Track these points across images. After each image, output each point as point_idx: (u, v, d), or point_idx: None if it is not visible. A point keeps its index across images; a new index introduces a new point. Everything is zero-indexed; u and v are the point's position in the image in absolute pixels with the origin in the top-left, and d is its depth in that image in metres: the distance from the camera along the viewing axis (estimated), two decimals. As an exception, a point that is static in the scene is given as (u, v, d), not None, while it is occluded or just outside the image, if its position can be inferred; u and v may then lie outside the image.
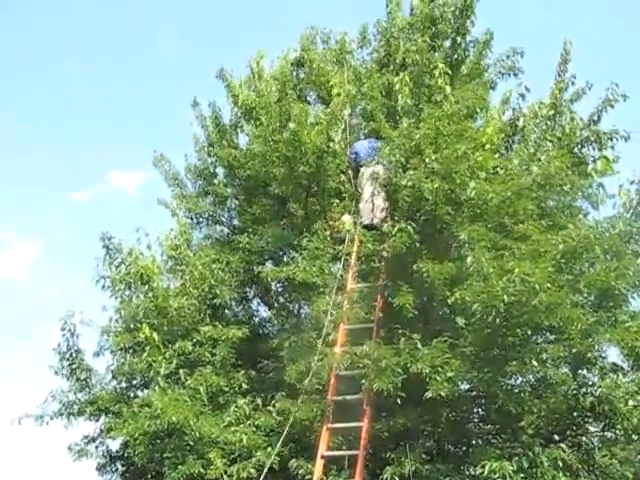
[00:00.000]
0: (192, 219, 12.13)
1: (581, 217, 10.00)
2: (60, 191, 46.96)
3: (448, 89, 9.86)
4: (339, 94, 10.68)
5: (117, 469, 10.92)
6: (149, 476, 9.47)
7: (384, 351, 8.04)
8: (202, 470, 8.73)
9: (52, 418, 10.44)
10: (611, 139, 10.18)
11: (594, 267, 8.78)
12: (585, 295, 8.74)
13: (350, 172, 10.67)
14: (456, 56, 11.33)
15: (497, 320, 7.92)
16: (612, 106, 10.30)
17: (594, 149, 10.30)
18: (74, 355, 10.69)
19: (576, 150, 10.37)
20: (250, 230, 10.97)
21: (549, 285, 7.58)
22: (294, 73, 12.13)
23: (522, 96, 10.78)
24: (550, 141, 10.46)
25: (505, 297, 7.49)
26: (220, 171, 12.37)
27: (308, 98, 12.26)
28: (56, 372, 10.78)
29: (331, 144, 10.43)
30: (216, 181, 12.26)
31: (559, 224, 9.34)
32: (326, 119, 10.42)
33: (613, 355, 9.05)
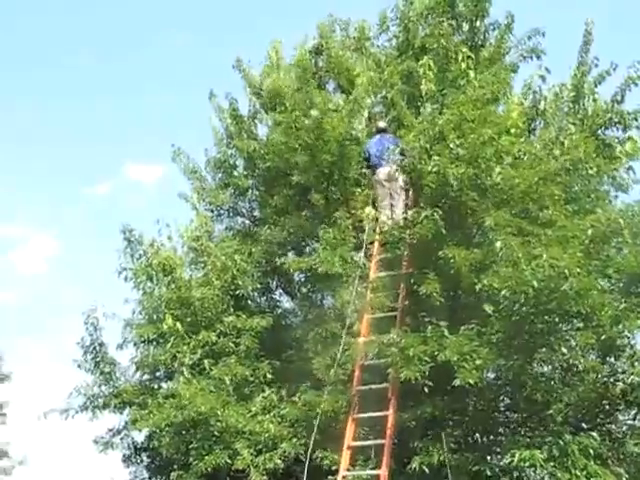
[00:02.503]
0: (212, 212, 12.07)
1: (608, 202, 9.84)
2: (77, 185, 47.41)
3: (472, 73, 9.71)
4: (361, 82, 10.57)
5: (142, 460, 10.93)
6: (175, 467, 9.43)
7: (411, 339, 7.96)
8: (228, 460, 8.72)
9: (77, 412, 10.46)
10: (636, 119, 10.00)
11: (622, 252, 8.64)
12: (614, 281, 8.61)
13: (365, 171, 10.55)
14: (476, 40, 11.20)
15: (525, 307, 7.82)
16: (636, 84, 10.06)
17: (618, 130, 10.10)
18: (97, 348, 10.68)
19: (600, 132, 10.18)
20: (271, 221, 10.91)
21: (578, 270, 7.45)
22: (312, 61, 12.02)
23: (543, 78, 10.60)
24: (573, 124, 10.25)
25: (534, 282, 7.37)
26: (240, 163, 12.30)
27: (327, 86, 12.15)
28: (79, 366, 10.78)
29: (353, 132, 10.33)
30: (236, 173, 12.19)
31: (585, 209, 9.20)
32: (348, 107, 10.30)
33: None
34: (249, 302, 10.73)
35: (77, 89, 45.64)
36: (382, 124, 10.64)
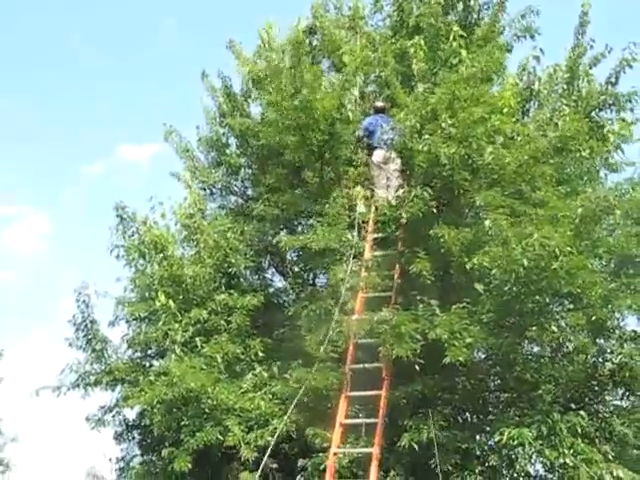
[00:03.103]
0: (205, 190, 12.02)
1: (600, 183, 9.87)
2: (72, 165, 47.28)
3: (463, 53, 9.68)
4: (351, 60, 10.51)
5: (134, 437, 10.95)
6: (166, 444, 9.46)
7: (402, 317, 7.99)
8: (220, 437, 8.75)
9: (69, 389, 10.45)
10: (630, 101, 10.00)
11: (614, 233, 8.68)
12: (604, 262, 8.66)
13: (360, 151, 10.50)
14: (470, 19, 11.15)
15: (516, 287, 7.87)
16: (630, 66, 10.06)
17: (612, 112, 10.11)
18: (89, 326, 10.64)
19: (593, 114, 10.18)
20: (264, 199, 10.88)
21: (569, 249, 7.48)
22: (307, 40, 11.94)
23: (537, 59, 10.58)
24: (567, 105, 10.25)
25: (525, 261, 7.41)
26: (232, 141, 12.25)
27: (321, 66, 12.07)
28: (71, 344, 10.77)
29: (343, 111, 10.27)
30: (229, 151, 12.14)
31: (577, 190, 9.23)
32: (339, 85, 10.26)
33: (632, 323, 9.00)
34: (241, 280, 10.70)
35: (70, 73, 45.32)
36: (380, 104, 10.60)
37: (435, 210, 8.72)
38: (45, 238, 50.25)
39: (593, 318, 8.15)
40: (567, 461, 7.60)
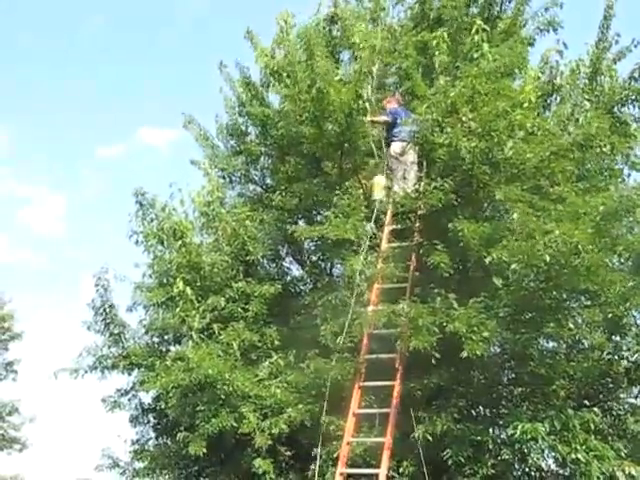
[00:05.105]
0: (224, 178, 12.06)
1: (621, 180, 9.81)
2: (90, 147, 47.58)
3: (485, 46, 9.61)
4: (366, 49, 10.48)
5: (149, 421, 11.12)
6: (181, 428, 9.58)
7: (420, 310, 8.02)
8: (234, 424, 8.83)
9: (86, 372, 10.61)
10: (653, 97, 9.89)
11: (633, 231, 8.64)
12: (623, 260, 8.63)
13: (380, 142, 10.47)
14: (492, 12, 11.08)
15: (534, 282, 7.87)
16: (655, 61, 9.94)
17: (635, 108, 9.99)
18: (108, 310, 10.81)
19: (615, 110, 10.08)
20: (283, 188, 10.92)
21: (590, 246, 7.47)
22: (327, 29, 11.92)
23: (560, 53, 10.48)
24: (589, 100, 10.18)
25: (547, 256, 7.39)
26: (252, 130, 12.25)
27: (341, 57, 12.06)
28: (89, 327, 10.93)
29: (360, 102, 10.23)
30: (248, 139, 12.16)
31: (597, 187, 9.18)
32: (355, 76, 10.24)
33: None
34: (259, 269, 10.77)
35: (89, 51, 45.47)
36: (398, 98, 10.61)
37: (454, 203, 8.72)
38: (62, 219, 50.62)
39: (610, 315, 8.13)
40: (579, 457, 7.60)
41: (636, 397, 9.28)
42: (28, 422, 25.97)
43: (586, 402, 9.05)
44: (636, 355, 8.51)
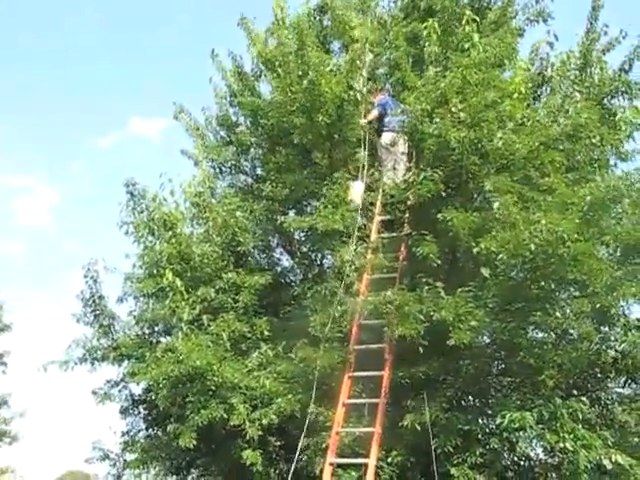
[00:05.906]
0: (215, 168, 12.02)
1: (609, 171, 9.83)
2: (82, 137, 47.44)
3: (476, 37, 9.60)
4: (357, 40, 10.46)
5: (139, 412, 11.11)
6: (171, 419, 9.58)
7: (407, 298, 8.05)
8: (224, 415, 8.84)
9: (76, 364, 10.59)
10: (643, 88, 9.91)
11: (621, 221, 8.67)
12: (611, 250, 8.66)
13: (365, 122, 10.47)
14: (482, 2, 11.09)
15: (522, 272, 7.90)
16: (645, 53, 9.98)
17: (624, 99, 10.03)
18: (97, 301, 10.81)
19: (605, 101, 10.12)
20: (273, 179, 10.90)
21: (576, 236, 7.50)
22: (317, 18, 11.89)
23: (550, 44, 10.49)
24: (579, 92, 10.17)
25: (532, 246, 7.44)
26: (243, 120, 12.22)
27: (332, 47, 12.03)
28: (78, 319, 10.91)
29: (351, 93, 10.23)
30: (239, 130, 12.12)
31: (586, 178, 9.20)
32: (346, 67, 10.22)
33: (637, 311, 9.02)
34: (249, 259, 10.74)
35: (79, 42, 45.29)
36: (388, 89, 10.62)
37: (443, 194, 8.74)
38: (53, 210, 50.49)
39: (598, 306, 8.15)
40: (567, 445, 7.65)
41: (623, 387, 9.32)
42: (18, 417, 25.82)
43: (574, 392, 9.09)
44: (623, 345, 8.53)
